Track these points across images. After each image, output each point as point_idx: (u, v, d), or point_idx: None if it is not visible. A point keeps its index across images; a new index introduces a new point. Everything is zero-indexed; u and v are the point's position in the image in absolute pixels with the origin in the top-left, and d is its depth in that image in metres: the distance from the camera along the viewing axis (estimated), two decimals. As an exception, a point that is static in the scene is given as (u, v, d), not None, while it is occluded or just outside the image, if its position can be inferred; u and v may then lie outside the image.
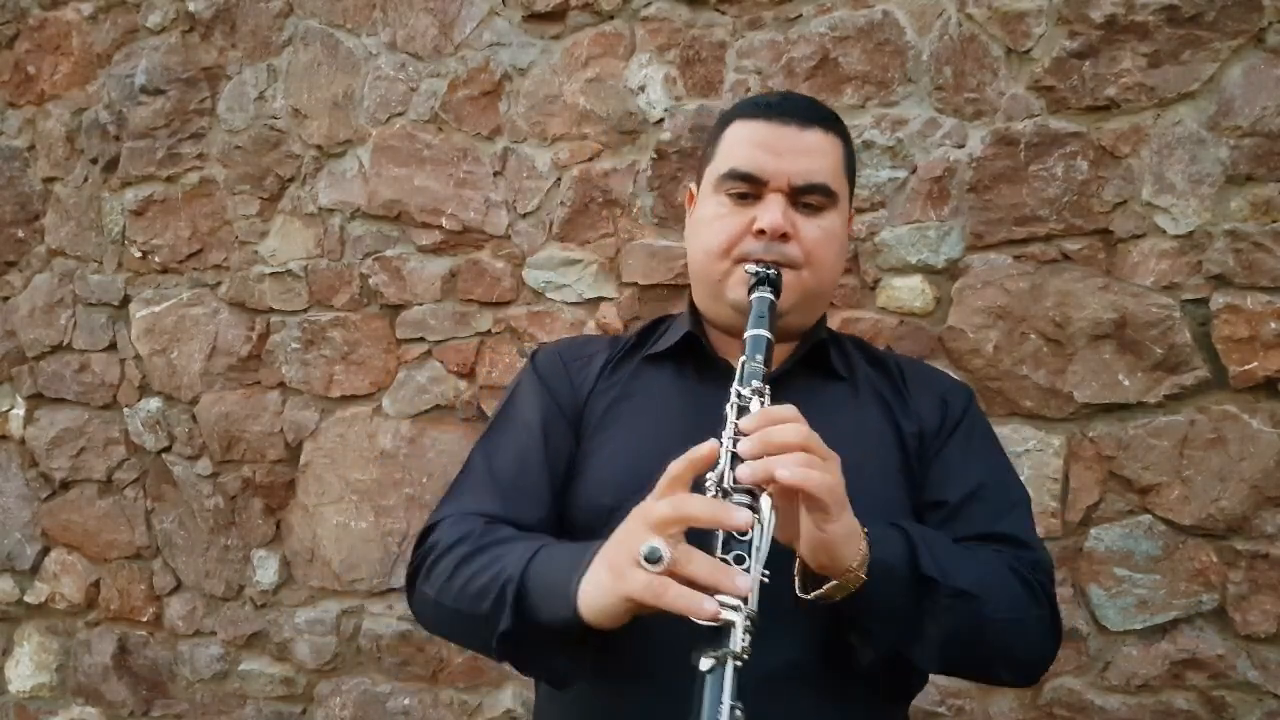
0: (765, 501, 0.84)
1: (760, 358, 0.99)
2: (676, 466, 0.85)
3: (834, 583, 0.89)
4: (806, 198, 1.09)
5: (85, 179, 2.67)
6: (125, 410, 2.67)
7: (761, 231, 1.07)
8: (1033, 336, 1.96)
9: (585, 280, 2.24)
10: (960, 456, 1.13)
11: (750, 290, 1.06)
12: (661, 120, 2.16)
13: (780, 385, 1.06)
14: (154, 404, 2.63)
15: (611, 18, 2.20)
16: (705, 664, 0.76)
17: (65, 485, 2.76)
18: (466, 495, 1.11)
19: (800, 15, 2.07)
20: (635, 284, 2.19)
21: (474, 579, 0.97)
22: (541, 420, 1.14)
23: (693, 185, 1.23)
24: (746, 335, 1.02)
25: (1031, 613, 1.02)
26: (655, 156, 2.16)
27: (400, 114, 2.36)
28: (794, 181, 1.08)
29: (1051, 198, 1.94)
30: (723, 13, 2.12)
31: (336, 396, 2.46)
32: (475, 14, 2.29)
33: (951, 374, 2.01)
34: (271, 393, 2.52)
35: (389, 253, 2.39)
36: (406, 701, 2.40)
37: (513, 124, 2.28)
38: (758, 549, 0.82)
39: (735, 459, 0.87)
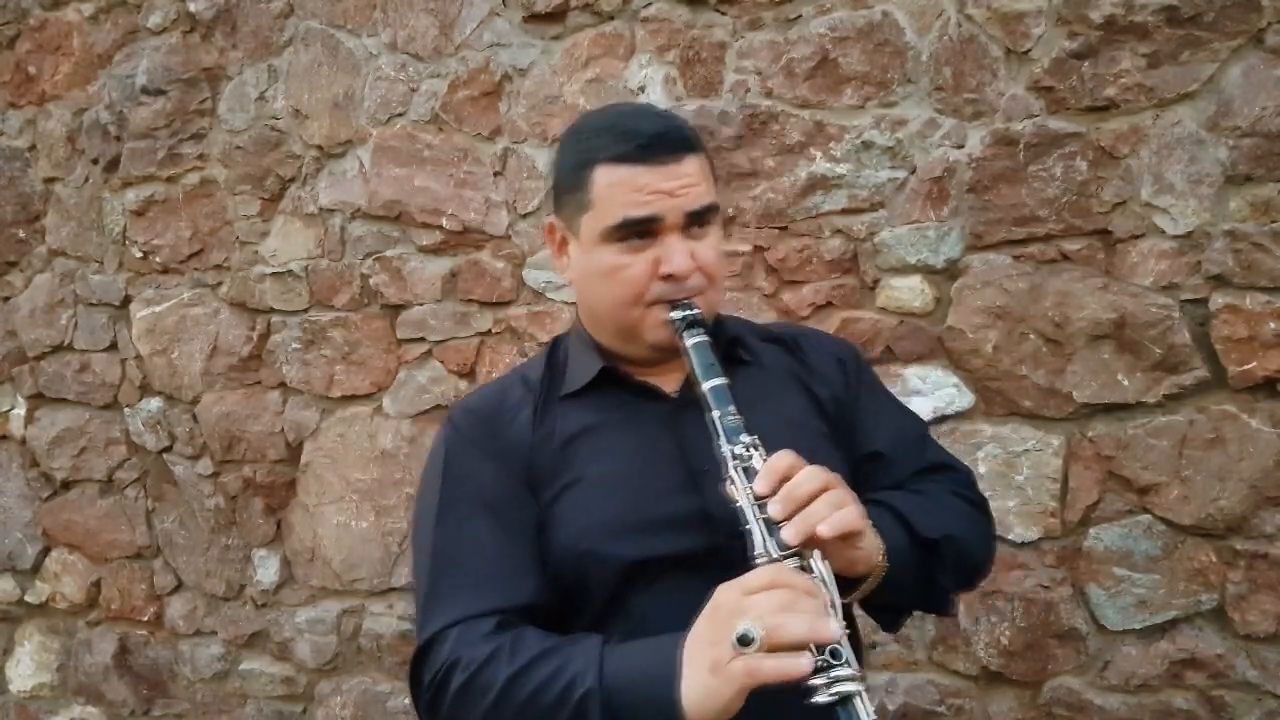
0: (818, 560, 0.90)
1: (731, 409, 1.00)
2: (785, 578, 0.87)
3: (869, 579, 1.00)
4: (700, 220, 1.10)
5: (86, 179, 2.67)
6: (126, 410, 2.67)
7: (671, 275, 1.07)
8: (1032, 336, 1.97)
9: (585, 280, 2.24)
10: (873, 408, 1.25)
11: (679, 335, 1.07)
12: (661, 120, 2.16)
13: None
14: (155, 404, 2.63)
15: (611, 18, 2.20)
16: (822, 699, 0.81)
17: (66, 485, 2.76)
18: (455, 598, 1.05)
19: (800, 15, 2.08)
20: (635, 284, 2.20)
21: (535, 700, 0.93)
22: (495, 489, 1.10)
23: (553, 218, 1.18)
24: (705, 389, 1.02)
25: (982, 523, 1.22)
26: (655, 157, 2.16)
27: (401, 114, 2.36)
28: (687, 209, 1.07)
29: (1051, 198, 1.94)
30: (723, 13, 2.12)
31: (337, 396, 2.46)
32: (475, 14, 2.29)
33: (955, 374, 2.02)
34: (272, 393, 2.52)
35: (389, 253, 2.39)
36: (407, 701, 2.40)
37: (513, 124, 2.28)
38: (833, 604, 0.87)
39: (769, 524, 0.90)
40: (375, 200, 2.38)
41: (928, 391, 2.04)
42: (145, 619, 2.69)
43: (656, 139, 1.07)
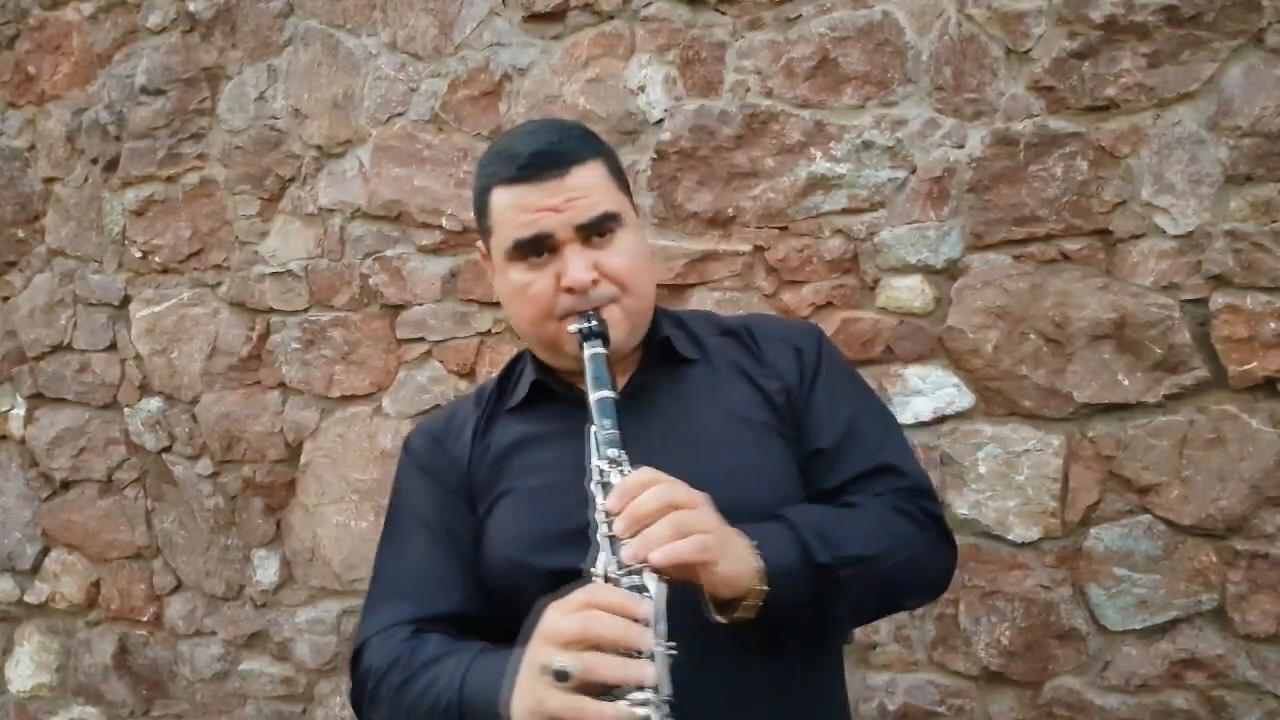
0: (651, 581, 0.88)
1: (609, 422, 1.01)
2: (598, 596, 0.88)
3: (742, 604, 0.95)
4: (597, 230, 1.10)
5: (85, 179, 2.67)
6: (125, 410, 2.67)
7: (571, 289, 1.09)
8: (1032, 336, 1.97)
9: (585, 280, 2.24)
10: (826, 401, 1.18)
11: (580, 346, 1.08)
12: (661, 120, 2.16)
13: (640, 389, 1.15)
14: (154, 404, 2.63)
15: (611, 18, 2.20)
16: None
17: (65, 485, 2.76)
18: (384, 609, 1.13)
19: (800, 15, 2.07)
20: (635, 284, 2.19)
21: (415, 707, 1.01)
22: (433, 509, 1.16)
23: (481, 244, 1.22)
24: (591, 400, 1.04)
25: (923, 542, 1.11)
26: (655, 157, 2.16)
27: (400, 114, 2.36)
28: (577, 223, 1.08)
29: (1051, 198, 1.94)
30: (723, 13, 2.12)
31: (337, 396, 2.46)
32: (475, 14, 2.29)
33: (955, 374, 2.02)
34: (272, 393, 2.52)
35: (389, 253, 2.39)
36: (407, 701, 2.40)
37: (513, 124, 2.28)
38: (656, 627, 0.85)
39: (614, 541, 0.91)
40: (375, 200, 2.38)
41: (928, 391, 2.04)
42: (145, 619, 2.69)
43: (536, 157, 1.09)
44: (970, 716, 2.03)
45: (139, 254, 2.62)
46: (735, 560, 0.93)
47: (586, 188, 1.09)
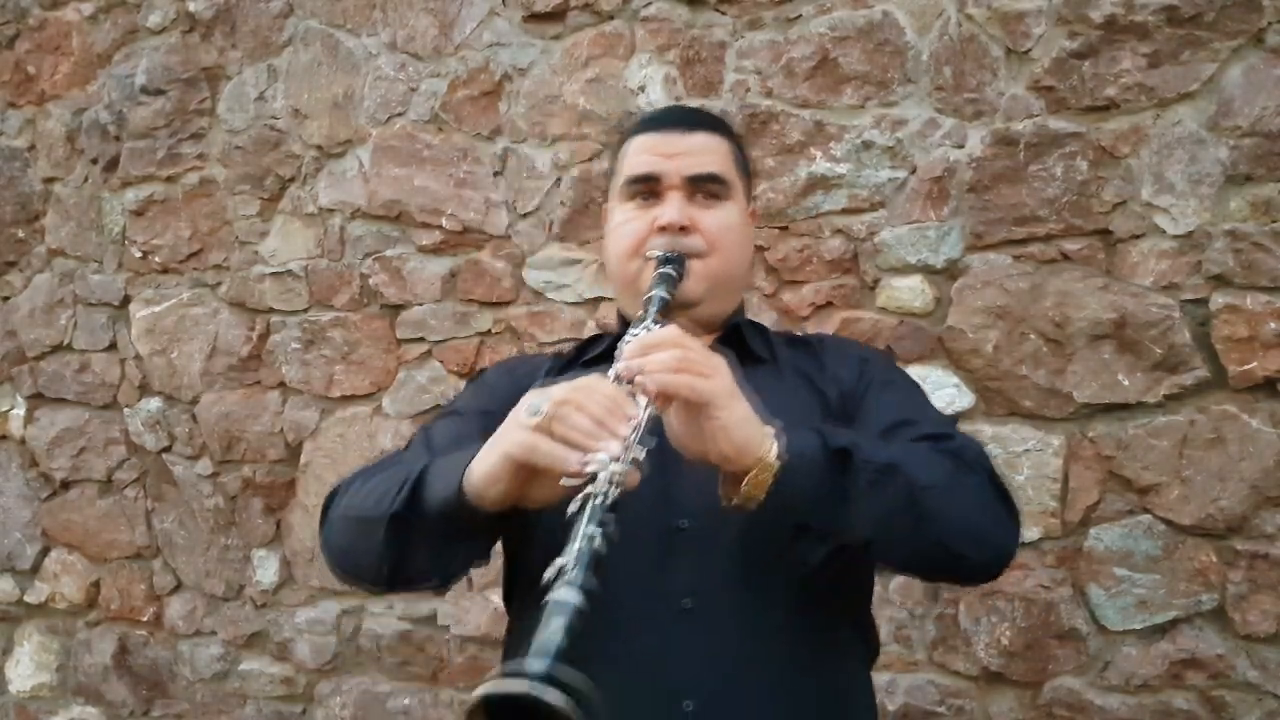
0: (642, 402, 0.92)
1: (654, 310, 1.08)
2: (595, 382, 0.94)
3: (752, 474, 0.91)
4: (703, 189, 1.19)
5: (85, 179, 2.67)
6: (125, 410, 2.67)
7: (664, 227, 1.16)
8: (1032, 336, 1.97)
9: (585, 280, 2.24)
10: (876, 403, 1.18)
11: (656, 269, 1.15)
12: (661, 120, 2.16)
13: None
14: (154, 404, 2.63)
15: (611, 18, 2.20)
16: (572, 507, 0.85)
17: (65, 485, 2.76)
18: (398, 457, 1.20)
19: (800, 15, 2.07)
20: (635, 284, 2.19)
21: (380, 484, 1.04)
22: (477, 413, 1.19)
23: (607, 204, 1.30)
24: (645, 297, 1.11)
25: (966, 480, 1.02)
26: (655, 156, 2.16)
27: (400, 114, 2.36)
28: (685, 173, 1.18)
29: (1051, 198, 1.94)
30: (723, 13, 2.12)
31: (337, 396, 2.46)
32: (475, 14, 2.29)
33: (955, 374, 2.02)
34: (272, 393, 2.52)
35: (389, 253, 2.39)
36: (406, 701, 2.40)
37: (513, 124, 2.28)
38: (635, 420, 0.89)
39: (619, 379, 0.96)
40: (375, 200, 2.38)
41: (928, 392, 2.03)
42: (145, 619, 2.69)
43: (670, 113, 1.28)
44: (970, 716, 2.03)
45: (139, 254, 2.62)
46: (740, 418, 0.92)
47: (704, 149, 1.21)
